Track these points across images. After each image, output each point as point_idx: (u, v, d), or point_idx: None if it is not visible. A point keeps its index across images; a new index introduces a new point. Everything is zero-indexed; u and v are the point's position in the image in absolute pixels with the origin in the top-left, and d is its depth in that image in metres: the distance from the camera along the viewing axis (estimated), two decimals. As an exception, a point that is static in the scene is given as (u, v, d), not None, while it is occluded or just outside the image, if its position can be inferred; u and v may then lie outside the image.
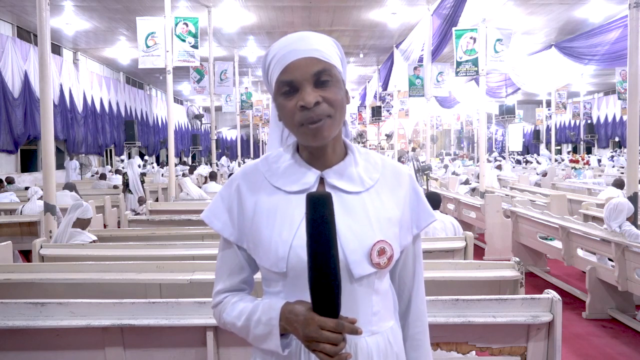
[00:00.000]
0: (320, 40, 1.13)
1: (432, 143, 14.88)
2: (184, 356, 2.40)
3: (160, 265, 3.27)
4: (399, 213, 1.19)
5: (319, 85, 1.09)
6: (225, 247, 1.23)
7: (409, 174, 1.25)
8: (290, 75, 1.09)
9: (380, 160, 1.23)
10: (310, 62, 1.09)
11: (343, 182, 1.16)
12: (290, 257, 1.10)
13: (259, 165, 1.21)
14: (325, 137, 1.11)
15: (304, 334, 1.03)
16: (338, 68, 1.14)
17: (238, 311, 1.16)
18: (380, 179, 1.20)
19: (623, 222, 4.60)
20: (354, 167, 1.18)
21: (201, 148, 26.05)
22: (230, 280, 1.22)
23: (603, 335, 4.33)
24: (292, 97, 1.10)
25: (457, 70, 9.49)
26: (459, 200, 8.49)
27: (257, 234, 1.15)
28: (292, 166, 1.18)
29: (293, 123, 1.11)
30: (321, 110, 1.08)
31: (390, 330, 1.19)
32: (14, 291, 3.16)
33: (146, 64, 8.38)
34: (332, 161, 1.18)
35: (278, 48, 1.13)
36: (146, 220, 5.93)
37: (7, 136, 12.97)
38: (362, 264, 1.11)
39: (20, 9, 12.82)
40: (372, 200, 1.16)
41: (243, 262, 1.21)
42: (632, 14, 5.04)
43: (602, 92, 27.39)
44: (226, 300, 1.20)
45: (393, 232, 1.16)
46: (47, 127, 4.50)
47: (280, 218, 1.14)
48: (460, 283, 3.11)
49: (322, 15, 13.97)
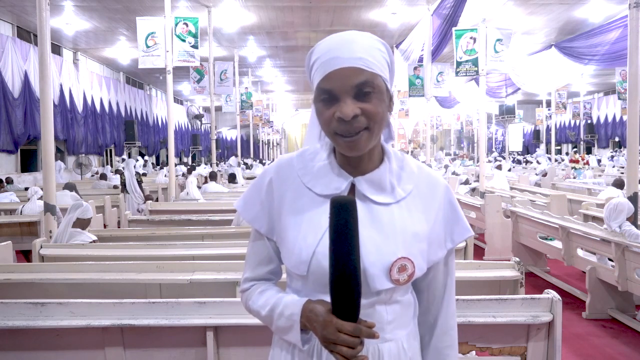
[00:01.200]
0: (366, 46, 1.08)
1: (432, 143, 14.88)
2: (184, 356, 2.40)
3: (160, 265, 3.27)
4: (427, 228, 1.15)
5: (360, 96, 1.06)
6: (256, 238, 1.24)
7: (445, 185, 1.20)
8: (330, 85, 1.06)
9: (417, 169, 1.19)
10: (353, 72, 1.05)
11: (373, 192, 1.14)
12: (312, 262, 1.10)
13: (294, 161, 1.20)
14: (361, 150, 1.08)
15: (322, 335, 1.04)
16: (383, 77, 1.09)
17: (263, 301, 1.18)
18: (413, 191, 1.16)
19: (623, 222, 4.59)
20: (388, 177, 1.15)
21: (201, 148, 26.07)
22: (258, 269, 1.24)
23: (603, 335, 4.33)
24: (331, 106, 1.07)
25: (457, 70, 9.49)
26: (459, 200, 8.47)
27: (284, 232, 1.16)
28: (326, 168, 1.16)
29: (329, 131, 1.09)
30: (359, 123, 1.06)
31: (406, 337, 1.18)
32: (14, 291, 3.16)
33: (146, 64, 8.38)
34: (367, 168, 1.15)
35: (322, 51, 1.09)
36: (146, 220, 5.93)
37: (7, 136, 12.97)
38: (380, 279, 1.10)
39: (20, 9, 12.82)
40: (401, 214, 1.13)
41: (272, 254, 1.23)
42: (632, 14, 5.04)
43: (602, 92, 27.39)
44: (253, 289, 1.23)
45: (418, 248, 1.13)
46: (47, 127, 4.50)
47: (307, 221, 1.13)
48: (460, 283, 3.09)
49: (322, 15, 13.97)
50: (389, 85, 1.12)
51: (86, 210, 4.18)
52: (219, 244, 4.15)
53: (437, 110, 22.59)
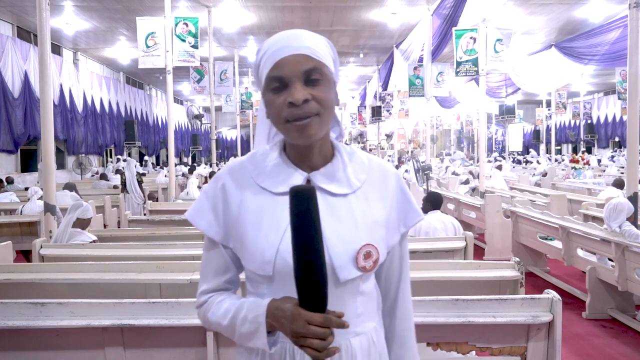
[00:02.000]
0: (313, 39, 1.12)
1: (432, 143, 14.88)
2: (184, 356, 2.40)
3: (160, 265, 3.27)
4: (385, 214, 1.18)
5: (309, 83, 1.08)
6: (211, 247, 1.21)
7: (395, 173, 1.24)
8: (280, 71, 1.08)
9: (367, 160, 1.22)
10: (302, 59, 1.08)
11: (329, 184, 1.15)
12: (277, 261, 1.09)
13: (246, 163, 1.20)
14: (311, 136, 1.09)
15: (292, 330, 1.02)
16: (330, 68, 1.12)
17: (223, 310, 1.15)
18: (367, 180, 1.19)
19: (623, 222, 4.60)
20: (341, 168, 1.17)
21: (201, 148, 26.06)
22: (215, 280, 1.20)
23: (603, 335, 4.33)
24: (281, 93, 1.09)
25: (457, 70, 9.49)
26: (459, 200, 8.49)
27: (243, 235, 1.14)
28: (279, 166, 1.16)
29: (280, 119, 1.09)
30: (309, 108, 1.07)
31: (374, 330, 1.20)
32: (14, 291, 3.16)
33: (146, 64, 8.38)
34: (319, 162, 1.16)
35: (270, 44, 1.12)
36: (146, 220, 5.93)
37: (7, 136, 12.96)
38: (347, 268, 1.11)
39: (20, 9, 12.81)
40: (359, 202, 1.16)
41: (229, 262, 1.20)
42: (632, 14, 5.04)
43: (602, 92, 27.39)
44: (211, 300, 1.19)
45: (379, 235, 1.16)
46: (47, 127, 4.50)
47: (266, 220, 1.12)
48: (460, 283, 3.11)
49: (322, 15, 13.97)
50: (335, 79, 1.15)
51: (86, 210, 4.18)
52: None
53: (437, 110, 22.60)
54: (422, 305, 2.30)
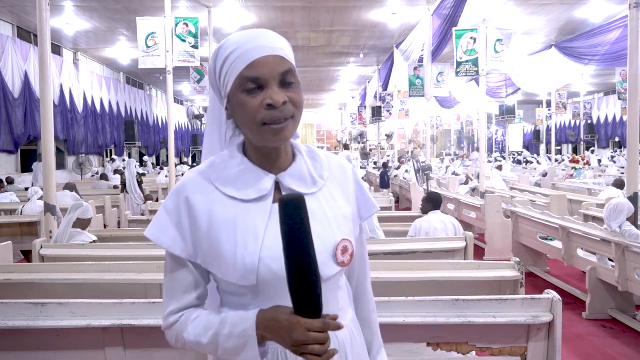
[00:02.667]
0: (281, 39, 1.12)
1: (432, 143, 14.88)
2: (184, 356, 2.40)
3: (160, 265, 3.27)
4: (350, 208, 1.21)
5: (284, 85, 1.08)
6: (176, 264, 1.14)
7: (351, 167, 1.27)
8: (257, 72, 1.06)
9: (325, 157, 1.23)
10: (277, 60, 1.08)
11: (298, 184, 1.15)
12: (260, 269, 1.07)
13: (207, 173, 1.15)
14: (285, 138, 1.10)
15: (292, 339, 1.00)
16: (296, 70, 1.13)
17: (201, 328, 1.10)
18: (329, 177, 1.20)
19: (623, 222, 4.59)
20: (305, 168, 1.17)
21: (201, 148, 26.02)
22: (184, 298, 1.14)
23: (603, 335, 4.33)
24: (257, 94, 1.07)
25: (457, 70, 9.49)
26: (459, 200, 8.49)
27: (217, 248, 1.09)
28: (244, 171, 1.13)
29: (255, 121, 1.07)
30: (287, 111, 1.07)
31: (352, 322, 1.23)
32: (14, 291, 3.16)
33: (146, 64, 8.38)
34: (285, 163, 1.16)
35: (239, 42, 1.09)
36: (146, 220, 5.93)
37: (7, 136, 12.97)
38: (328, 265, 1.12)
39: (20, 9, 12.81)
40: (327, 200, 1.17)
41: (198, 278, 1.15)
42: (632, 14, 5.04)
43: (602, 92, 27.39)
44: (182, 319, 1.13)
45: (349, 228, 1.19)
46: (47, 127, 4.50)
47: (241, 229, 1.09)
48: (460, 283, 3.11)
49: (322, 15, 13.97)
50: None
51: (86, 210, 4.18)
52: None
53: (437, 110, 22.60)
54: (422, 305, 2.30)
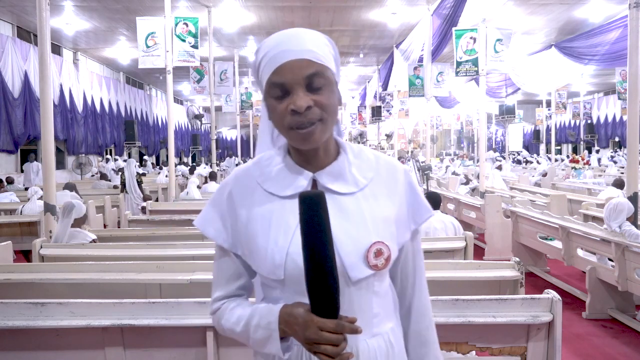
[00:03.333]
0: (314, 40, 1.09)
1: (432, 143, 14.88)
2: (184, 356, 2.40)
3: (160, 265, 3.27)
4: (395, 211, 1.17)
5: (312, 88, 1.06)
6: (221, 254, 1.21)
7: (404, 169, 1.22)
8: (282, 78, 1.06)
9: (374, 157, 1.20)
10: (303, 64, 1.06)
11: (336, 183, 1.14)
12: (287, 264, 1.09)
13: (252, 169, 1.18)
14: (315, 141, 1.08)
15: (304, 336, 1.02)
16: (332, 69, 1.10)
17: (236, 317, 1.15)
18: (374, 177, 1.17)
19: (623, 222, 4.59)
20: (347, 167, 1.16)
21: (201, 148, 26.03)
22: (227, 286, 1.20)
23: (603, 335, 4.33)
24: (283, 100, 1.07)
25: (457, 70, 9.49)
26: (459, 200, 8.49)
27: (253, 242, 1.13)
28: (284, 170, 1.15)
29: (283, 126, 1.08)
30: (312, 115, 1.06)
31: (391, 331, 1.18)
32: (14, 291, 3.16)
33: (146, 64, 8.38)
34: (324, 162, 1.15)
35: (270, 46, 1.10)
36: (146, 220, 5.93)
37: (7, 136, 12.97)
38: (359, 267, 1.09)
39: (20, 9, 12.81)
40: (367, 200, 1.14)
41: (240, 269, 1.19)
42: (632, 14, 5.04)
43: (602, 92, 27.38)
44: (224, 307, 1.18)
45: (389, 232, 1.14)
46: (47, 127, 4.50)
47: (275, 224, 1.11)
48: (460, 283, 3.11)
49: (322, 15, 13.97)
50: (337, 80, 1.14)
51: (80, 208, 4.17)
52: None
53: (437, 110, 22.60)
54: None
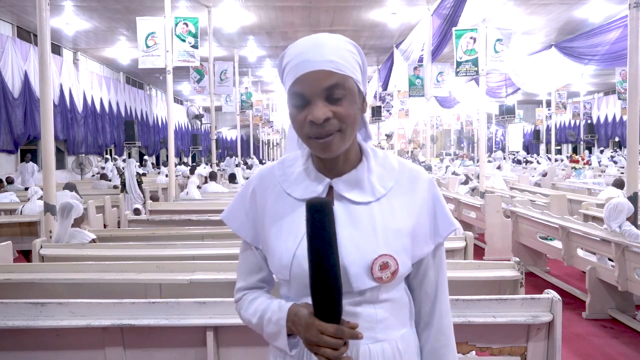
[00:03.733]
0: (337, 48, 1.08)
1: (432, 143, 14.87)
2: (184, 356, 2.40)
3: (160, 265, 3.27)
4: (411, 223, 1.14)
5: (331, 99, 1.06)
6: (245, 247, 1.26)
7: (429, 179, 1.19)
8: (301, 88, 1.07)
9: (398, 165, 1.18)
10: (323, 75, 1.05)
11: (352, 192, 1.14)
12: (293, 265, 1.11)
13: (275, 169, 1.21)
14: (333, 151, 1.08)
15: (305, 338, 1.05)
16: (355, 78, 1.09)
17: (253, 309, 1.19)
18: (394, 187, 1.15)
19: (623, 222, 4.59)
20: (366, 175, 1.15)
21: (201, 148, 26.03)
22: (249, 278, 1.25)
23: (603, 335, 4.33)
24: (303, 109, 1.08)
25: (457, 70, 9.49)
26: (459, 200, 8.49)
27: (267, 239, 1.18)
28: (304, 173, 1.17)
29: (302, 135, 1.10)
30: (331, 126, 1.06)
31: (401, 338, 1.15)
32: (14, 291, 3.16)
33: (146, 64, 8.38)
34: (345, 169, 1.15)
35: (293, 54, 1.10)
36: (146, 220, 5.93)
37: (7, 136, 12.97)
38: (362, 278, 1.09)
39: (20, 9, 12.82)
40: (382, 211, 1.13)
41: (261, 262, 1.23)
42: (632, 14, 5.04)
43: (602, 92, 27.39)
44: (245, 298, 1.24)
45: (402, 245, 1.12)
46: (47, 127, 4.50)
47: (287, 226, 1.14)
48: (460, 283, 3.11)
49: (322, 15, 13.97)
50: (361, 87, 1.13)
51: (78, 208, 4.16)
52: (219, 244, 4.15)
53: (437, 110, 22.61)
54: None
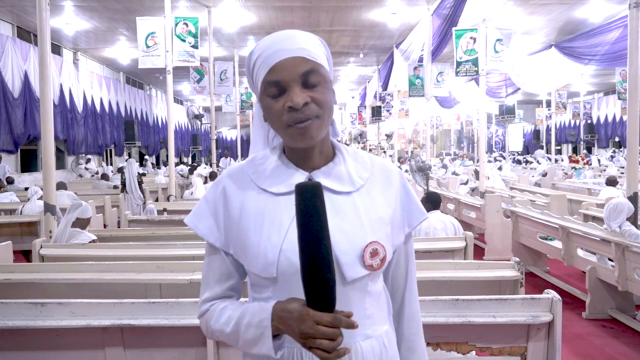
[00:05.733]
0: (307, 39, 1.11)
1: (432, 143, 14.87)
2: (184, 356, 2.40)
3: (160, 265, 3.27)
4: (390, 212, 1.16)
5: (307, 85, 1.07)
6: (212, 253, 1.19)
7: (398, 172, 1.22)
8: (277, 76, 1.07)
9: (369, 159, 1.20)
10: (298, 61, 1.07)
11: (332, 182, 1.13)
12: (280, 261, 1.07)
13: (245, 167, 1.18)
14: (313, 138, 1.08)
15: (300, 331, 0.98)
16: (325, 67, 1.11)
17: (226, 317, 1.11)
18: (370, 178, 1.17)
19: (623, 222, 4.60)
20: (343, 167, 1.16)
21: (201, 148, 26.06)
22: (217, 287, 1.18)
23: (603, 335, 4.33)
24: (279, 98, 1.07)
25: (457, 70, 9.49)
26: (459, 200, 8.49)
27: (245, 239, 1.12)
28: (279, 167, 1.15)
29: (280, 124, 1.08)
30: (310, 111, 1.06)
31: (386, 334, 1.17)
32: (14, 291, 3.16)
33: (146, 64, 8.39)
34: (320, 162, 1.15)
35: (263, 47, 1.10)
36: (146, 220, 5.93)
37: (7, 136, 12.96)
38: (354, 266, 1.08)
39: (20, 9, 12.81)
40: (363, 200, 1.14)
41: (231, 269, 1.17)
42: (632, 14, 5.04)
43: (602, 92, 27.38)
44: (213, 308, 1.16)
45: (385, 233, 1.14)
46: (47, 127, 4.50)
47: (268, 221, 1.11)
48: (460, 283, 3.11)
49: (322, 15, 13.97)
50: (331, 78, 1.15)
51: (85, 210, 4.18)
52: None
53: (437, 110, 22.61)
54: (423, 305, 2.27)
